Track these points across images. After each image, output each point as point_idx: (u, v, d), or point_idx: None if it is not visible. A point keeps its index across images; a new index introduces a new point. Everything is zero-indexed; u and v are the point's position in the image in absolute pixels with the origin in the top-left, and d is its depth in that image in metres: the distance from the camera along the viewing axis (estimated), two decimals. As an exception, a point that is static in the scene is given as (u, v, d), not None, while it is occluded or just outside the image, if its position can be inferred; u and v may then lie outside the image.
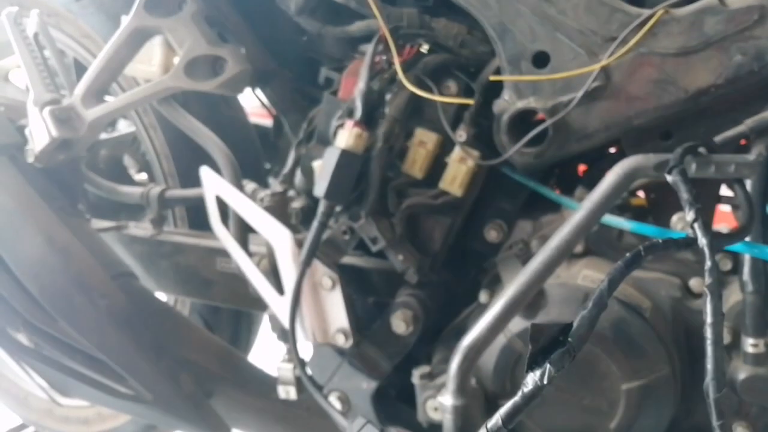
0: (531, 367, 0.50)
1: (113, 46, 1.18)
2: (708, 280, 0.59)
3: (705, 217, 0.65)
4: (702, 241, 0.63)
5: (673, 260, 0.97)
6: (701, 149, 0.78)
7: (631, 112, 0.87)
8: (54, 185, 1.30)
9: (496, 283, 1.04)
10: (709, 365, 0.56)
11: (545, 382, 0.49)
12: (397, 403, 1.12)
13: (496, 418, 0.51)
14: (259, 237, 1.09)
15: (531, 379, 0.50)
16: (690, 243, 0.64)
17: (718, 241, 0.67)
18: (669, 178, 0.71)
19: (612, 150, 1.06)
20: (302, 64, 1.28)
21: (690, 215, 0.65)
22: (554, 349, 0.50)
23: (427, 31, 0.98)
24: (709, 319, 0.57)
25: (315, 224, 0.99)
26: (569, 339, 0.51)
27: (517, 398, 0.50)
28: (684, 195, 0.68)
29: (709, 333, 0.57)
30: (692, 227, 0.64)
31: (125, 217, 1.52)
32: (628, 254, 0.59)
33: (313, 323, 1.05)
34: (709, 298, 0.58)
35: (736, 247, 0.79)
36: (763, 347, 0.85)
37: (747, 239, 0.79)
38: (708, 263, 0.60)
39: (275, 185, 1.20)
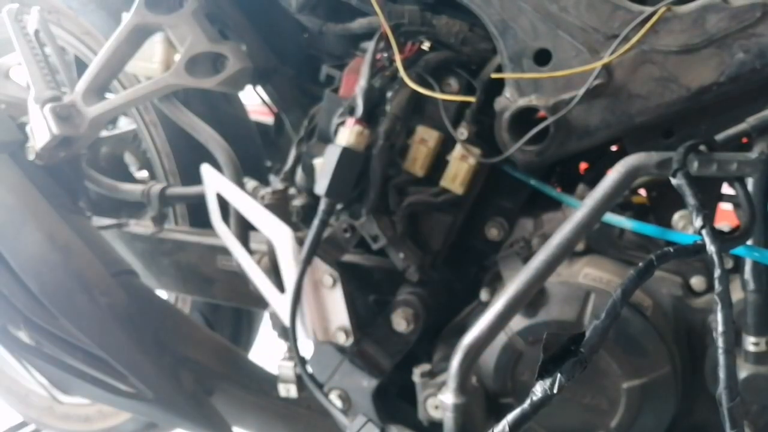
0: (541, 375, 0.49)
1: (114, 43, 1.18)
2: (718, 288, 0.58)
3: (710, 220, 0.65)
4: (711, 248, 0.62)
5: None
6: (702, 147, 0.78)
7: (632, 110, 0.87)
8: (55, 183, 1.30)
9: (497, 282, 1.04)
10: (722, 374, 0.55)
11: (555, 391, 0.48)
12: (398, 402, 1.12)
13: (503, 425, 0.50)
14: (260, 235, 1.09)
15: (540, 387, 0.49)
16: (699, 250, 0.63)
17: (724, 244, 0.67)
18: (674, 181, 0.71)
19: (613, 148, 1.05)
20: (303, 61, 1.27)
21: (698, 222, 0.64)
22: (565, 358, 0.50)
23: (428, 28, 0.98)
24: (720, 327, 0.57)
25: (316, 222, 0.99)
26: (581, 349, 0.50)
27: (525, 405, 0.50)
28: (690, 200, 0.67)
29: (720, 342, 0.56)
30: (700, 233, 0.64)
31: (126, 215, 1.52)
32: (640, 264, 0.58)
33: (313, 321, 1.05)
34: (719, 307, 0.57)
35: (738, 250, 0.78)
36: (765, 346, 0.85)
37: (749, 242, 0.78)
38: (718, 271, 0.60)
39: (276, 183, 1.20)
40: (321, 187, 0.98)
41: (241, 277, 1.18)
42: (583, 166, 1.12)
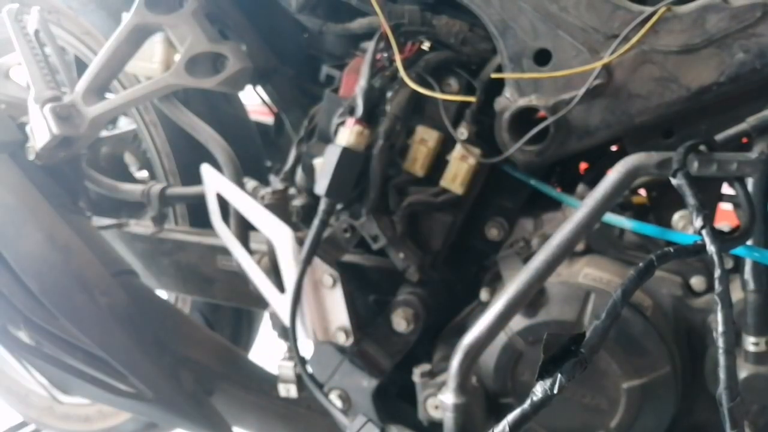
0: (541, 375, 0.49)
1: (114, 43, 1.18)
2: (718, 288, 0.58)
3: (710, 220, 0.65)
4: (711, 249, 0.62)
5: (675, 258, 0.97)
6: (702, 147, 0.78)
7: (632, 110, 0.87)
8: (55, 183, 1.30)
9: (497, 281, 1.04)
10: (722, 374, 0.55)
11: (555, 391, 0.48)
12: (398, 402, 1.12)
13: (503, 425, 0.50)
14: (260, 235, 1.09)
15: (540, 387, 0.49)
16: (699, 250, 0.63)
17: (724, 244, 0.67)
18: (674, 181, 0.71)
19: (613, 148, 1.05)
20: (303, 61, 1.28)
21: (698, 222, 0.64)
22: (566, 358, 0.50)
23: (428, 28, 0.98)
24: (720, 327, 0.57)
25: (316, 222, 0.99)
26: (581, 349, 0.50)
27: (525, 405, 0.50)
28: (691, 200, 0.67)
29: (720, 342, 0.56)
30: (700, 233, 0.64)
31: (126, 215, 1.52)
32: (640, 264, 0.58)
33: (313, 321, 1.05)
34: (720, 307, 0.57)
35: (738, 250, 0.78)
36: (764, 346, 0.85)
37: (749, 242, 0.78)
38: (718, 271, 0.60)
39: (276, 183, 1.20)
40: (321, 187, 0.98)
41: (241, 277, 1.18)
42: (583, 166, 1.12)
